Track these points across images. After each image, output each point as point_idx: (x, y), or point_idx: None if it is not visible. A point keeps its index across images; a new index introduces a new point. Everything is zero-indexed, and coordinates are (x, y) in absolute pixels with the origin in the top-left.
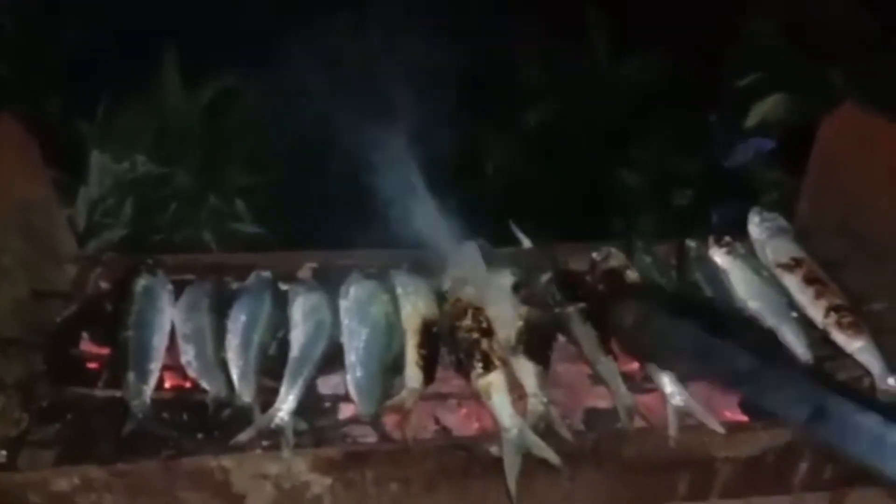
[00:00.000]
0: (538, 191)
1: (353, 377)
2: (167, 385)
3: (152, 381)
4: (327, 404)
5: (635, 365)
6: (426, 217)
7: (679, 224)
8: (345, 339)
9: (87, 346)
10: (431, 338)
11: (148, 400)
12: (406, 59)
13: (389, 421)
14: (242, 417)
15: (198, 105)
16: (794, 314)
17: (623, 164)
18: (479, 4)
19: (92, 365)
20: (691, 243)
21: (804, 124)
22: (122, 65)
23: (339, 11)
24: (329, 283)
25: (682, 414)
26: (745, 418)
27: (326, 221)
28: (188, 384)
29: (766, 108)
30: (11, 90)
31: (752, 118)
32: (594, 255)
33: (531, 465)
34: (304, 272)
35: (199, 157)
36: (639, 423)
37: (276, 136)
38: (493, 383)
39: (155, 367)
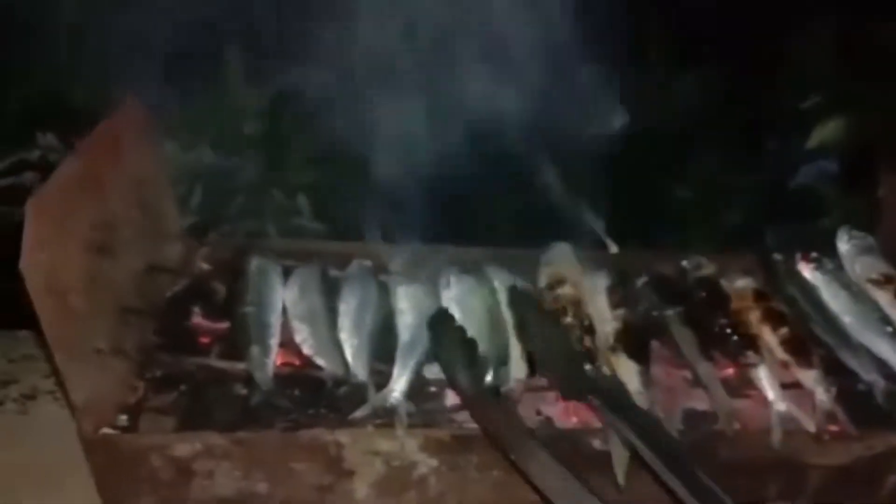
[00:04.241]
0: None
1: None
2: (278, 362)
3: (273, 356)
4: (433, 389)
5: (730, 370)
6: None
7: (733, 241)
8: None
9: (198, 320)
10: None
11: (270, 373)
12: (446, 68)
13: None
14: (353, 396)
15: (261, 101)
16: (890, 329)
17: (678, 178)
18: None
19: (204, 339)
20: (778, 257)
21: (864, 145)
22: (189, 58)
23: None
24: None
25: (785, 419)
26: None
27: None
28: (297, 362)
29: (826, 131)
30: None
31: (813, 140)
32: (684, 263)
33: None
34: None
35: (262, 151)
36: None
37: (338, 133)
38: None
39: (274, 342)
